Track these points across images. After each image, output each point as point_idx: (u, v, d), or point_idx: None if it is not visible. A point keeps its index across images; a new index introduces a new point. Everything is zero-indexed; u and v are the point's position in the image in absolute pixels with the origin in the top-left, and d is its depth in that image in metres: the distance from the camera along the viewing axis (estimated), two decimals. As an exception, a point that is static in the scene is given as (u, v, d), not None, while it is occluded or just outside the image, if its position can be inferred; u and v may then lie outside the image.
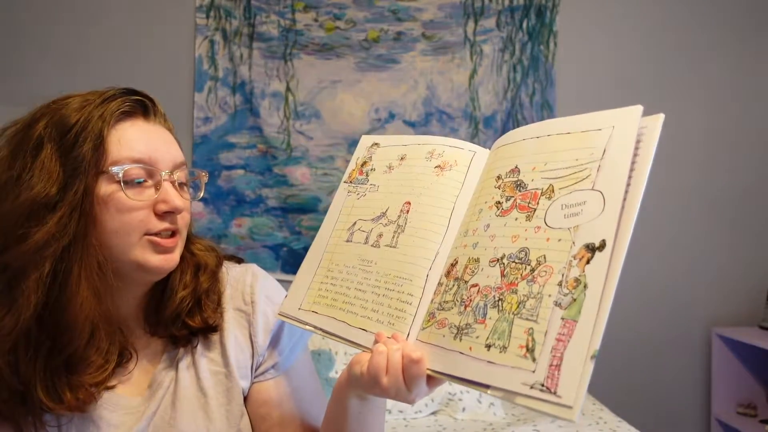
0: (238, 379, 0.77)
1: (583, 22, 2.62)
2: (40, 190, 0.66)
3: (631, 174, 0.53)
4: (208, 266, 0.80)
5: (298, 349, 0.82)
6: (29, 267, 0.66)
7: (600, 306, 0.50)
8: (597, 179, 0.54)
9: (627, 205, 0.52)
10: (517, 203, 0.60)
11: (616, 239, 0.51)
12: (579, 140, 0.58)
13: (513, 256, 0.57)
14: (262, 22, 2.57)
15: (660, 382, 2.65)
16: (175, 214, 0.72)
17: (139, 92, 0.74)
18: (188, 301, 0.76)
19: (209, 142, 2.57)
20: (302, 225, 2.58)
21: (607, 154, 0.55)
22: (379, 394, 0.64)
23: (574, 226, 0.54)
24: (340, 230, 0.77)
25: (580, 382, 0.48)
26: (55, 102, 0.72)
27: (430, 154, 0.74)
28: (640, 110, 0.55)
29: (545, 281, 0.54)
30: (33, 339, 0.67)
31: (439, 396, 2.02)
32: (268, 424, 0.78)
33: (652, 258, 2.63)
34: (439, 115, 2.60)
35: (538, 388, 0.50)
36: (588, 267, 0.51)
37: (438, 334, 0.61)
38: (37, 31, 2.55)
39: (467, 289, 0.60)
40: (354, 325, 0.68)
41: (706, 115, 2.67)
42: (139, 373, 0.76)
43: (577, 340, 0.50)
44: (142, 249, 0.70)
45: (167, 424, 0.74)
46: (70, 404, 0.68)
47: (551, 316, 0.52)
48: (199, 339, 0.78)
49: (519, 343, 0.53)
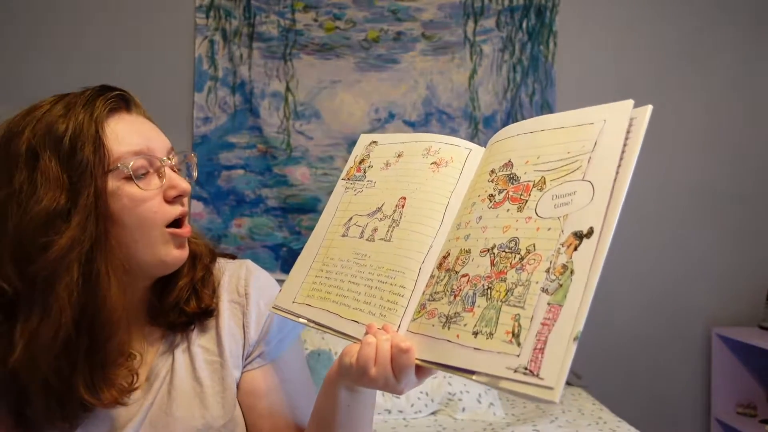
0: (231, 368, 0.78)
1: (582, 22, 2.61)
2: (50, 201, 0.67)
3: (620, 163, 0.54)
4: (202, 255, 0.81)
5: (288, 341, 0.83)
6: (59, 271, 0.66)
7: (585, 290, 0.50)
8: (587, 170, 0.56)
9: (614, 194, 0.53)
10: (510, 195, 0.61)
11: (603, 226, 0.52)
12: (571, 134, 0.59)
13: (503, 246, 0.59)
14: (261, 22, 2.57)
15: (660, 382, 2.65)
16: (183, 197, 0.75)
17: (115, 87, 0.75)
18: (187, 290, 0.78)
19: (209, 142, 2.57)
20: (302, 225, 2.58)
21: (598, 146, 0.56)
22: (368, 384, 0.64)
23: (564, 215, 0.55)
24: (337, 225, 0.78)
25: (563, 364, 0.49)
26: (29, 112, 0.71)
27: (427, 151, 0.75)
28: (631, 104, 0.57)
29: (534, 269, 0.55)
30: (73, 341, 0.68)
31: (439, 396, 2.02)
32: (255, 414, 0.79)
33: (653, 258, 2.63)
34: (439, 115, 2.60)
35: (521, 371, 0.51)
36: (575, 253, 0.52)
37: (428, 324, 0.61)
38: (35, 30, 2.55)
39: (457, 279, 0.61)
40: (346, 316, 0.69)
41: (706, 116, 2.67)
42: (141, 366, 0.78)
43: (561, 323, 0.50)
44: (164, 244, 0.73)
45: (163, 413, 0.75)
46: (107, 399, 0.70)
47: (538, 302, 0.53)
48: (196, 325, 0.80)
49: (505, 329, 0.54)
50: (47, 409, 0.69)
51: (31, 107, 0.72)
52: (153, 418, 0.75)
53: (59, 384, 0.68)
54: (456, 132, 2.59)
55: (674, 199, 2.65)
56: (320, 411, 0.74)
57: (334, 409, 0.71)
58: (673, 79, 2.65)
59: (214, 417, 0.76)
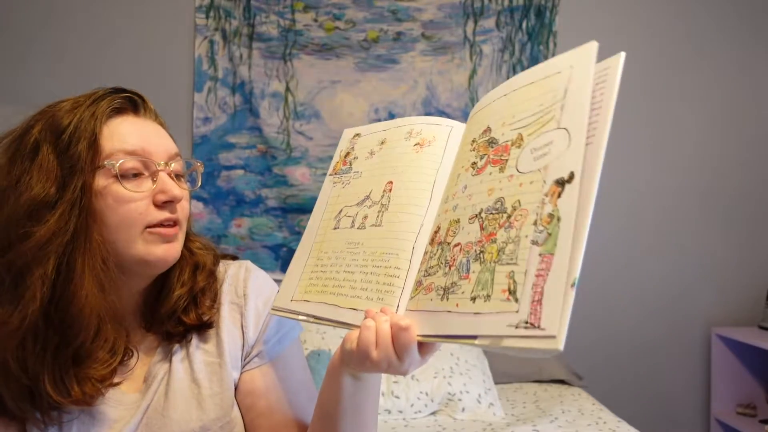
0: (230, 369, 0.78)
1: (582, 23, 2.62)
2: (40, 190, 0.68)
3: (597, 110, 0.54)
4: (206, 265, 0.81)
5: (287, 341, 0.83)
6: (33, 264, 0.67)
7: (575, 235, 0.50)
8: (561, 118, 0.56)
9: (595, 139, 0.52)
10: (490, 159, 0.62)
11: (584, 169, 0.52)
12: (541, 87, 0.59)
13: (490, 208, 0.59)
14: (261, 22, 2.57)
15: (660, 382, 2.65)
16: (174, 204, 0.74)
17: (128, 90, 0.76)
18: (185, 299, 0.78)
19: (209, 142, 2.57)
20: (302, 225, 2.58)
21: (569, 92, 0.56)
22: (371, 368, 0.63)
23: (544, 166, 0.55)
24: (328, 220, 0.78)
25: (563, 311, 0.48)
26: (48, 107, 0.74)
27: (409, 134, 0.75)
28: (596, 45, 0.57)
29: (521, 224, 0.54)
30: (41, 334, 0.68)
31: (439, 396, 2.02)
32: (254, 414, 0.79)
33: (652, 258, 2.64)
34: (439, 115, 2.60)
35: (522, 326, 0.50)
36: (559, 200, 0.52)
37: (425, 299, 0.61)
38: (35, 31, 2.54)
39: (450, 250, 0.61)
40: (344, 305, 0.69)
41: (706, 116, 2.67)
42: (137, 368, 0.78)
43: (555, 271, 0.50)
44: (144, 242, 0.72)
45: (160, 415, 0.75)
46: (77, 398, 0.69)
47: (529, 255, 0.52)
48: (194, 334, 0.79)
49: (501, 288, 0.53)
50: (14, 399, 0.69)
51: (51, 104, 0.74)
52: (150, 419, 0.75)
53: (24, 376, 0.68)
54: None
55: (674, 199, 2.65)
56: (324, 402, 0.73)
57: (338, 398, 0.70)
58: (673, 79, 2.65)
59: (212, 419, 0.76)
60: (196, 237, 0.84)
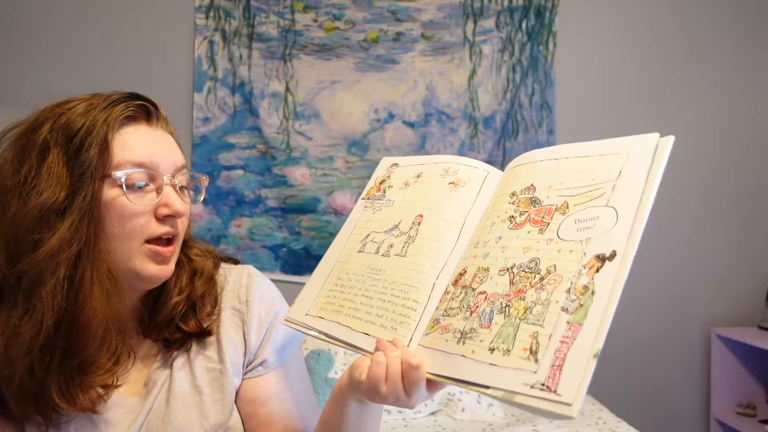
0: (231, 376, 0.78)
1: (582, 23, 2.62)
2: (49, 196, 0.67)
3: (643, 190, 0.57)
4: (204, 272, 0.80)
5: (290, 350, 0.83)
6: (45, 273, 0.66)
7: (606, 309, 0.51)
8: (611, 197, 0.58)
9: (637, 219, 0.55)
10: (531, 217, 0.63)
11: (625, 250, 0.54)
12: (596, 162, 0.62)
13: (523, 265, 0.60)
14: (261, 22, 2.57)
15: (660, 382, 2.65)
16: (175, 218, 0.73)
17: (143, 97, 0.75)
18: (182, 306, 0.77)
19: (209, 142, 2.57)
20: (302, 225, 2.58)
21: (623, 175, 0.59)
22: (379, 401, 0.64)
23: (587, 238, 0.57)
24: (354, 242, 0.79)
25: (582, 380, 0.49)
26: (59, 105, 0.72)
27: (445, 171, 0.76)
28: (657, 137, 0.59)
29: (554, 288, 0.56)
30: (50, 344, 0.67)
31: (439, 396, 2.02)
32: (254, 422, 0.79)
33: (652, 258, 2.63)
34: (439, 115, 2.60)
35: (538, 387, 0.51)
36: (597, 275, 0.54)
37: (441, 338, 0.62)
38: (35, 31, 2.54)
39: (474, 296, 0.62)
40: (357, 329, 0.69)
41: (706, 116, 2.67)
42: (135, 372, 0.77)
43: (581, 341, 0.51)
44: (141, 257, 0.71)
45: (161, 421, 0.75)
46: (82, 405, 0.69)
47: (557, 320, 0.53)
48: (193, 341, 0.79)
49: (523, 346, 0.54)
50: (18, 404, 0.69)
51: (62, 101, 0.73)
52: (150, 425, 0.75)
53: (30, 382, 0.68)
54: (455, 132, 2.59)
55: (674, 199, 2.65)
56: (328, 421, 0.73)
57: (343, 420, 0.71)
58: (673, 79, 2.65)
59: (213, 425, 0.76)
60: (195, 242, 0.84)
